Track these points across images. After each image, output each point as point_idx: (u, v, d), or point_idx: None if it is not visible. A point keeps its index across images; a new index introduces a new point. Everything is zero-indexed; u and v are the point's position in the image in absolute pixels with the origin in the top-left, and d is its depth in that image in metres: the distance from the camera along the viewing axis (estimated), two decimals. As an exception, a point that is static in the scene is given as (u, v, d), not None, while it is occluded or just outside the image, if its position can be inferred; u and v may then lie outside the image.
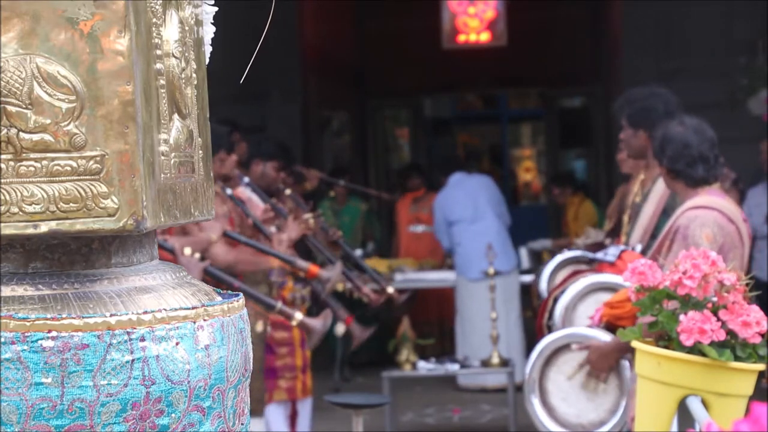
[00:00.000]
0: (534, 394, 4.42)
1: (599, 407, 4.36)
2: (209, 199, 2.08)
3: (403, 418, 8.38)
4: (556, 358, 4.41)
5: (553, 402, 4.41)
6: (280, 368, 6.13)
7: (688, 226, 4.19)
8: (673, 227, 4.28)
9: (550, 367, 4.42)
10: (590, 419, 4.37)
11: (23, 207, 1.74)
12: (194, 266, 4.77)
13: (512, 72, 14.35)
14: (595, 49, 13.82)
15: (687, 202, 4.32)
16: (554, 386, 4.42)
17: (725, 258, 4.10)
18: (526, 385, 4.45)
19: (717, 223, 4.20)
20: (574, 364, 4.40)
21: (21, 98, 1.73)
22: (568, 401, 4.40)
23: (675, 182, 4.41)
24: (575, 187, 11.70)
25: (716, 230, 4.18)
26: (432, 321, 10.78)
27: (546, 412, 4.41)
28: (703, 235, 4.16)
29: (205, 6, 2.09)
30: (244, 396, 1.94)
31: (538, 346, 4.48)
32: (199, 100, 2.03)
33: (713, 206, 4.26)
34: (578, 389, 4.40)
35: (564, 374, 4.41)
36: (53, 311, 1.73)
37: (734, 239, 4.22)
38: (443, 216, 9.46)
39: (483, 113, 17.75)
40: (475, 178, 9.71)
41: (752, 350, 3.04)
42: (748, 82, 9.90)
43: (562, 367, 4.41)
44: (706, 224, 4.18)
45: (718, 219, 4.21)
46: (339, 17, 13.58)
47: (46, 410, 1.70)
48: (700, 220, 4.20)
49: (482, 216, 9.37)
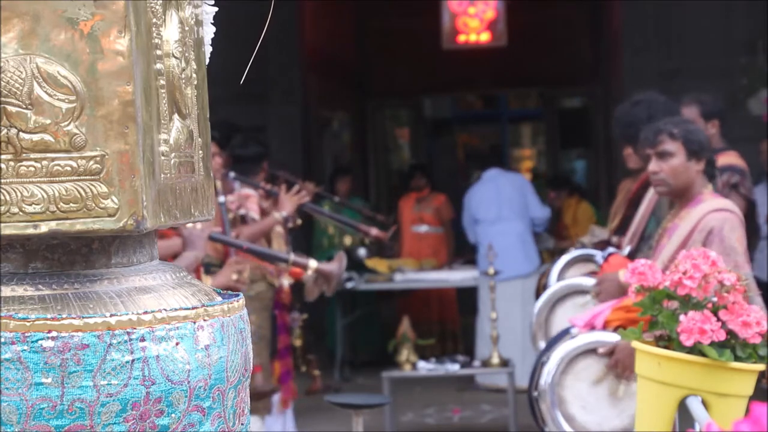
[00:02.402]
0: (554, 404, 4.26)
1: (623, 413, 4.19)
2: (209, 199, 2.08)
3: (403, 418, 8.38)
4: (572, 366, 4.25)
5: (572, 411, 4.23)
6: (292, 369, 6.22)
7: (722, 228, 4.16)
8: (697, 228, 4.22)
9: (565, 376, 4.25)
10: (614, 426, 4.19)
11: (23, 207, 1.74)
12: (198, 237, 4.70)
13: (512, 72, 14.35)
14: (595, 49, 13.82)
15: (703, 203, 4.27)
16: (572, 394, 4.24)
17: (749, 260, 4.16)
18: (542, 397, 4.26)
19: (742, 226, 4.21)
20: (594, 369, 4.24)
21: (21, 98, 1.73)
22: (588, 409, 4.22)
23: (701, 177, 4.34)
24: (571, 189, 11.68)
25: (742, 234, 4.19)
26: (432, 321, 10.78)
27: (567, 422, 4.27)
28: (735, 237, 4.15)
29: (205, 6, 2.09)
30: (244, 396, 1.94)
31: (556, 355, 4.29)
32: (199, 100, 2.03)
33: (732, 209, 4.26)
34: (599, 395, 4.23)
35: (584, 381, 4.23)
36: (53, 311, 1.73)
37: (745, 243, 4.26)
38: (470, 211, 9.49)
39: (483, 113, 17.74)
40: (507, 175, 9.72)
41: (752, 350, 3.04)
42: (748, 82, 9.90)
43: (581, 374, 4.24)
44: (736, 227, 4.18)
45: (741, 222, 4.23)
46: (339, 17, 13.58)
47: (46, 410, 1.70)
48: (730, 223, 4.18)
49: (507, 216, 9.37)
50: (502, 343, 7.72)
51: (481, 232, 9.38)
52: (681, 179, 4.34)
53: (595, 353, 4.24)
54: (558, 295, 5.20)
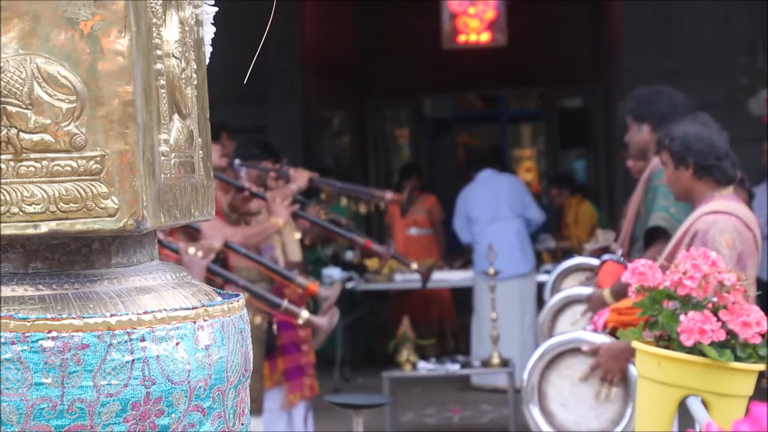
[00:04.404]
0: (533, 398, 4.28)
1: (600, 416, 4.20)
2: (210, 199, 2.08)
3: (403, 418, 8.38)
4: (558, 363, 4.26)
5: (552, 407, 4.24)
6: (306, 365, 6.19)
7: (707, 230, 4.05)
8: (689, 231, 4.14)
9: (551, 372, 4.26)
10: (590, 427, 4.19)
11: (23, 207, 1.74)
12: (197, 264, 4.81)
13: (512, 72, 14.35)
14: (595, 49, 13.83)
15: (703, 206, 4.17)
16: (554, 391, 4.26)
17: (745, 266, 4.01)
18: (524, 389, 4.30)
19: (736, 230, 4.07)
20: (578, 368, 4.25)
21: (21, 98, 1.73)
22: (567, 407, 4.24)
23: (699, 182, 4.19)
24: (573, 188, 11.65)
25: (735, 237, 4.05)
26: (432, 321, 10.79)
27: (544, 417, 4.28)
28: (723, 240, 4.02)
29: (205, 6, 2.09)
30: (244, 396, 1.94)
31: (539, 350, 4.35)
32: (199, 100, 2.03)
33: (732, 212, 4.11)
34: (580, 395, 4.26)
35: (567, 379, 4.25)
36: (53, 311, 1.73)
37: (752, 247, 4.10)
38: (465, 211, 9.48)
39: (483, 113, 17.75)
40: (502, 176, 9.73)
41: (752, 350, 3.04)
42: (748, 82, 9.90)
43: (564, 372, 4.26)
44: (726, 230, 4.04)
45: (737, 225, 4.07)
46: (339, 17, 13.59)
47: (46, 410, 1.70)
48: (719, 225, 4.05)
49: (503, 216, 9.37)
50: (500, 342, 7.72)
51: (478, 231, 9.36)
52: (675, 188, 4.32)
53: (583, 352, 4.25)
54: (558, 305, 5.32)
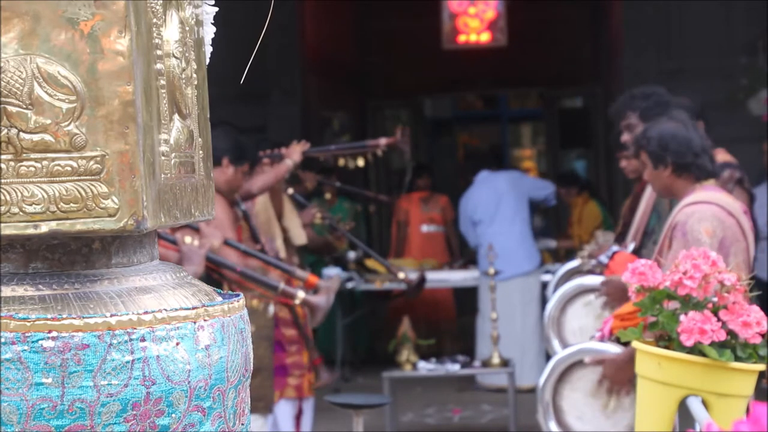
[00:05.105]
0: (549, 415, 4.26)
1: (617, 424, 4.19)
2: (210, 199, 2.08)
3: (403, 418, 8.38)
4: (569, 375, 4.26)
5: (568, 420, 4.23)
6: (290, 366, 6.15)
7: (686, 222, 4.09)
8: (671, 225, 4.20)
9: (563, 385, 4.25)
10: None
11: (23, 207, 1.74)
12: (195, 253, 4.78)
13: (512, 72, 14.35)
14: (595, 49, 13.83)
15: (684, 199, 4.23)
16: (569, 404, 4.25)
17: (728, 253, 4.05)
18: (540, 406, 4.29)
19: (716, 217, 4.10)
20: (589, 380, 4.25)
21: (21, 98, 1.73)
22: (584, 419, 4.23)
23: (680, 179, 4.26)
24: (580, 187, 11.57)
25: (716, 224, 4.08)
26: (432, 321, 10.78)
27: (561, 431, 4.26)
28: (702, 229, 4.06)
29: (205, 6, 2.09)
30: (244, 396, 1.94)
31: (549, 364, 4.34)
32: (199, 100, 2.03)
33: (711, 201, 4.16)
34: (595, 406, 4.22)
35: (580, 391, 4.24)
36: (53, 311, 1.73)
37: (735, 233, 4.13)
38: (467, 215, 9.49)
39: (483, 113, 17.74)
40: (500, 175, 9.72)
41: (752, 350, 3.04)
42: (748, 83, 9.90)
43: (576, 384, 4.25)
44: (705, 219, 4.08)
45: (717, 213, 4.11)
46: (339, 18, 13.58)
47: (47, 410, 1.70)
48: (698, 215, 4.10)
49: (504, 216, 9.38)
50: (501, 342, 7.73)
51: (481, 232, 9.38)
52: (656, 186, 4.41)
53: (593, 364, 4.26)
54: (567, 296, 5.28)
